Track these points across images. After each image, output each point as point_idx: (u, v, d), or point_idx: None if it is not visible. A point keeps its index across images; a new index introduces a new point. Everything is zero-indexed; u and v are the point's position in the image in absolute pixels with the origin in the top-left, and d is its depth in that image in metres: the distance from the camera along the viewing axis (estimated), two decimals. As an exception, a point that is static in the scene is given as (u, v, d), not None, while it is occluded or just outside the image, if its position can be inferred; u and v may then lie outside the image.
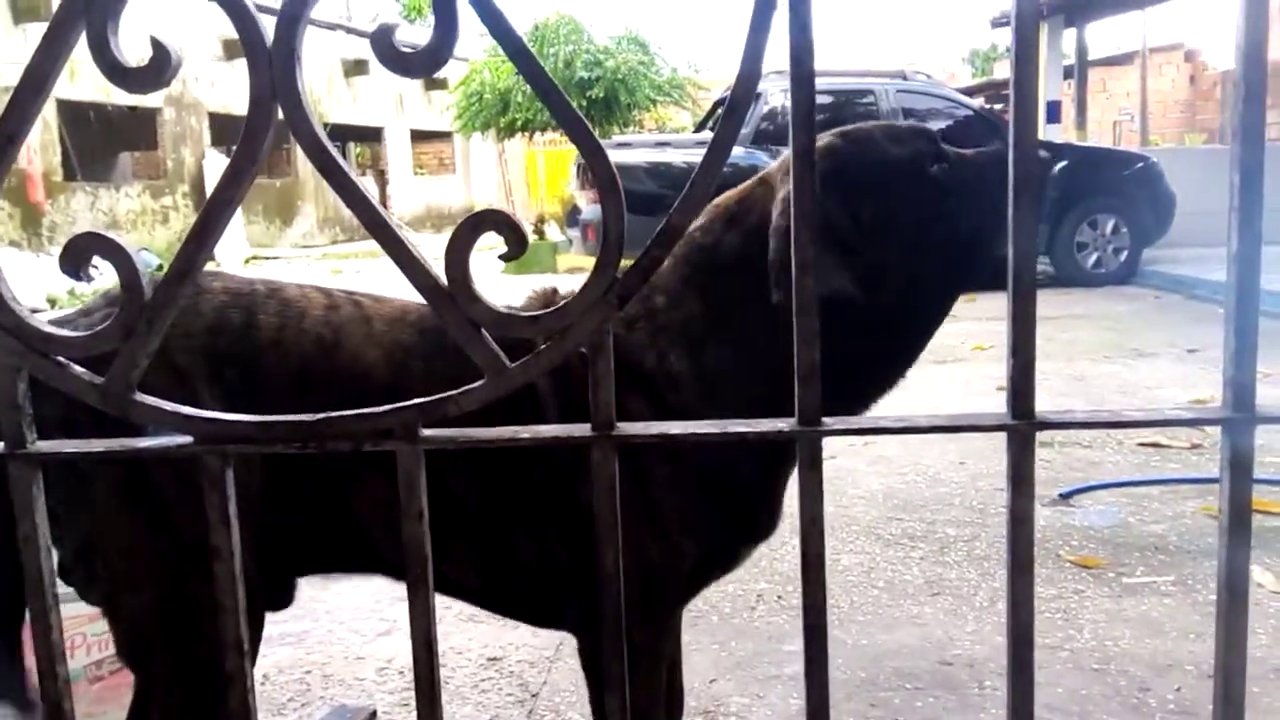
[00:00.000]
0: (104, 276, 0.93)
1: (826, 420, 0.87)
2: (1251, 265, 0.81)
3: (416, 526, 0.90)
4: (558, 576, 1.64)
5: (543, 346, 0.88)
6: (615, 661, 0.91)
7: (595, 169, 0.84)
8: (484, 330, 0.87)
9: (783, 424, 0.88)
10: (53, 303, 10.67)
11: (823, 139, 1.62)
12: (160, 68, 0.82)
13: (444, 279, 0.86)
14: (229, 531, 0.90)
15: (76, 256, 0.85)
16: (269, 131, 0.84)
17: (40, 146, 16.19)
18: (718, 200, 1.68)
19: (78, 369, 0.87)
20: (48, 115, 16.31)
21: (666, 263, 1.68)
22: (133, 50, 0.81)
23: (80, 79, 16.66)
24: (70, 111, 16.96)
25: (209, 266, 0.96)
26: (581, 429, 0.90)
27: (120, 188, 18.62)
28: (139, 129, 19.26)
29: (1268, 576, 3.11)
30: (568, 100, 0.84)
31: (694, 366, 1.60)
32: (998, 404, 0.84)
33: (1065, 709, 2.41)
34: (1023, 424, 0.82)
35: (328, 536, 1.65)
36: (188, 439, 0.88)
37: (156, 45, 0.82)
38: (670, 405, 1.57)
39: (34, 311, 0.89)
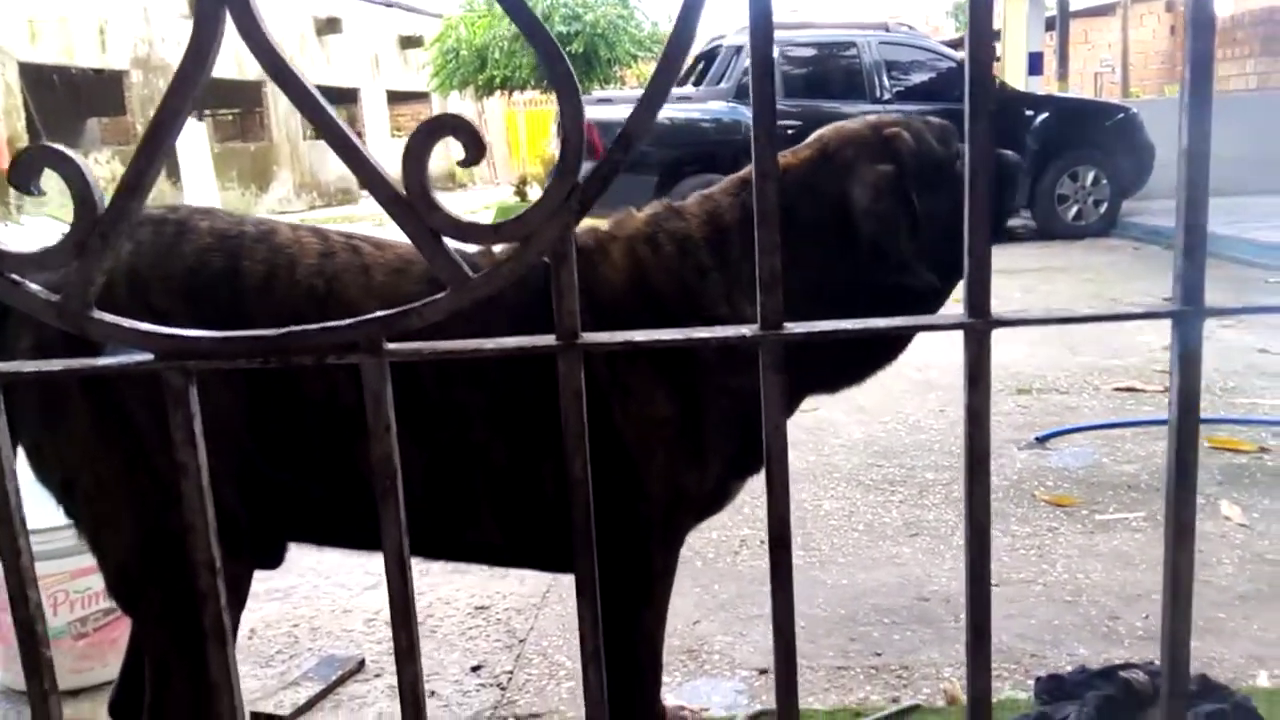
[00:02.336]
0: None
1: (789, 325, 0.87)
2: (1200, 161, 0.82)
3: (384, 440, 0.90)
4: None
5: (505, 257, 0.88)
6: (585, 566, 0.91)
7: (552, 71, 0.83)
8: (445, 239, 0.87)
9: (746, 330, 0.88)
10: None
11: (890, 127, 1.77)
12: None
13: (402, 189, 0.86)
14: (195, 449, 0.89)
15: (26, 168, 0.83)
16: (216, 39, 0.82)
17: (4, 111, 15.80)
18: (787, 161, 1.74)
19: (33, 286, 0.86)
20: (10, 79, 15.82)
21: (735, 214, 1.71)
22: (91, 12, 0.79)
23: (42, 40, 16.17)
24: (33, 75, 16.37)
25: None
26: (547, 339, 0.89)
27: (89, 153, 18.32)
28: (106, 93, 18.81)
29: (1234, 510, 3.17)
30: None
31: None
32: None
33: (1038, 638, 2.46)
34: (978, 322, 0.83)
35: (329, 499, 1.62)
36: (148, 355, 0.88)
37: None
38: (743, 354, 1.60)
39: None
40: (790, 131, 9.85)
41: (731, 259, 1.66)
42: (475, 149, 0.85)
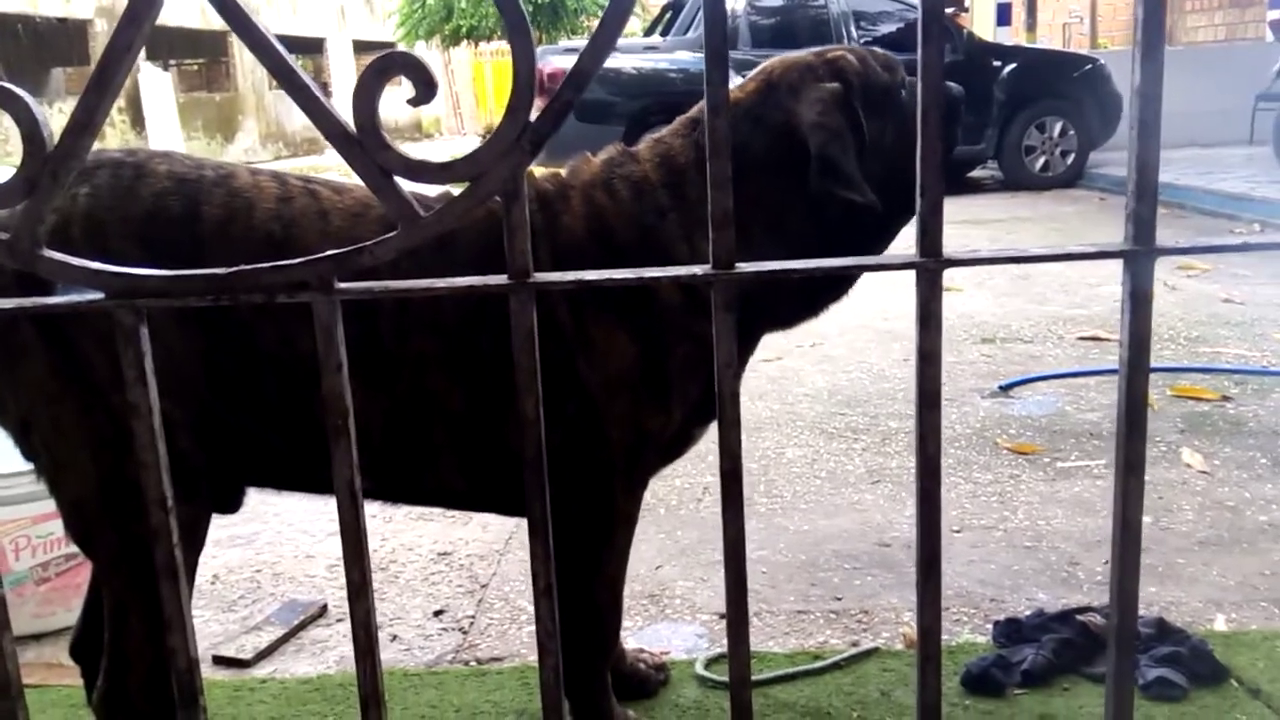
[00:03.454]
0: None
1: (741, 266, 0.88)
2: (1152, 100, 0.83)
3: (335, 378, 0.90)
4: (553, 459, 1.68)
5: (457, 194, 0.88)
6: (538, 505, 0.92)
7: (504, 7, 0.82)
8: (395, 178, 0.87)
9: (699, 269, 0.89)
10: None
11: (833, 52, 1.78)
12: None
13: (352, 126, 0.85)
14: (146, 388, 0.89)
15: (-27, 107, 0.83)
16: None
17: (-34, 61, 15.57)
18: (733, 97, 1.73)
19: (-19, 224, 0.86)
20: None
21: (689, 154, 1.72)
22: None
23: None
24: None
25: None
26: (498, 278, 0.90)
27: (53, 104, 18.00)
28: (70, 42, 18.55)
29: (1196, 458, 3.22)
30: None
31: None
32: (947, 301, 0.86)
33: (998, 583, 2.50)
34: (930, 261, 0.84)
35: (287, 444, 1.62)
36: (99, 294, 0.87)
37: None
38: (705, 296, 1.59)
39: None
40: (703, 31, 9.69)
41: (689, 199, 1.67)
42: (425, 87, 0.84)
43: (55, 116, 17.43)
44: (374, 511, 3.08)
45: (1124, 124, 7.28)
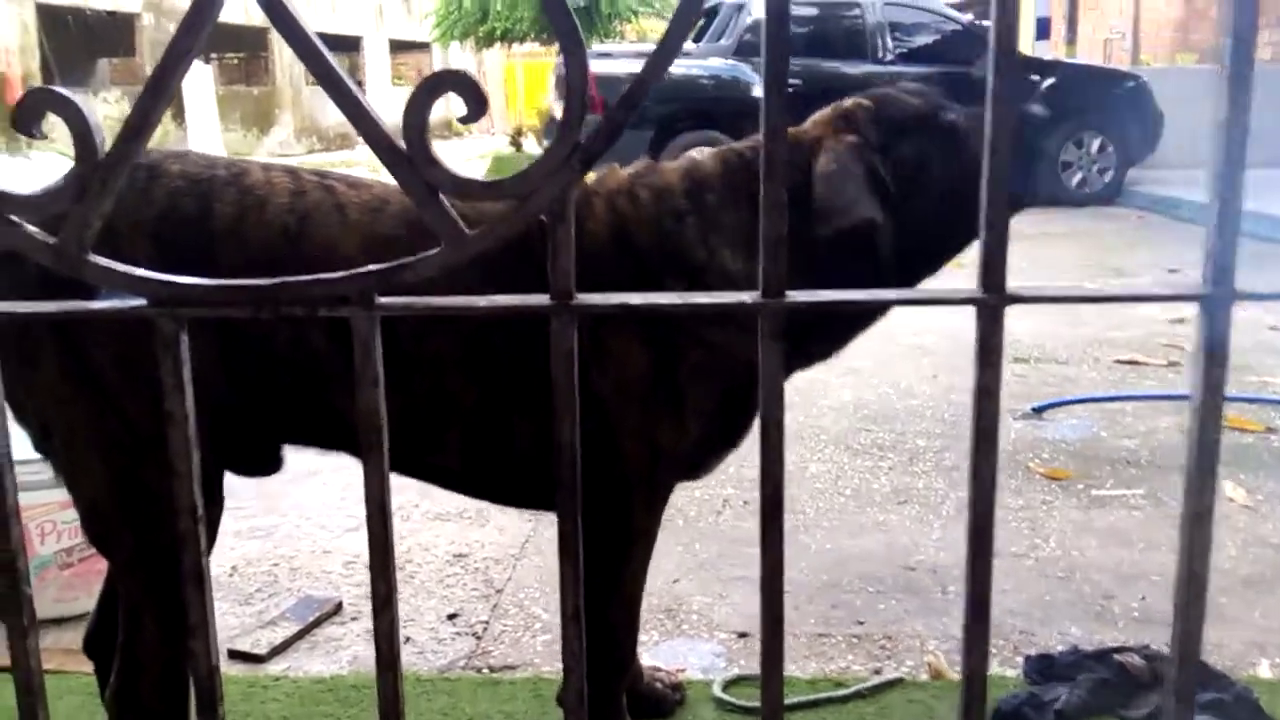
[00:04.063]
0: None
1: (791, 294, 0.86)
2: (1240, 132, 0.79)
3: (371, 392, 0.89)
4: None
5: (503, 213, 0.86)
6: (569, 527, 0.91)
7: (556, 21, 0.81)
8: (442, 195, 0.85)
9: (747, 296, 0.87)
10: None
11: (847, 102, 1.82)
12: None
13: (401, 142, 0.84)
14: (183, 397, 0.88)
15: (29, 112, 0.82)
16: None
17: (19, 50, 15.85)
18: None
19: (30, 228, 0.85)
20: (27, 19, 15.97)
21: (714, 167, 1.76)
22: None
23: None
24: (49, 16, 16.66)
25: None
26: (540, 298, 0.88)
27: (99, 93, 18.22)
28: (117, 35, 18.85)
29: (1239, 492, 3.16)
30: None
31: (749, 269, 1.66)
32: (969, 315, 0.83)
33: (1028, 614, 2.46)
34: (992, 297, 0.81)
35: (299, 415, 1.64)
36: (141, 301, 0.86)
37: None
38: None
39: None
40: (790, 90, 9.69)
41: (708, 205, 1.68)
42: (477, 105, 0.83)
43: (100, 105, 17.64)
44: (393, 509, 3.07)
45: (1166, 141, 7.17)
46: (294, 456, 1.75)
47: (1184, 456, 0.83)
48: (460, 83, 0.84)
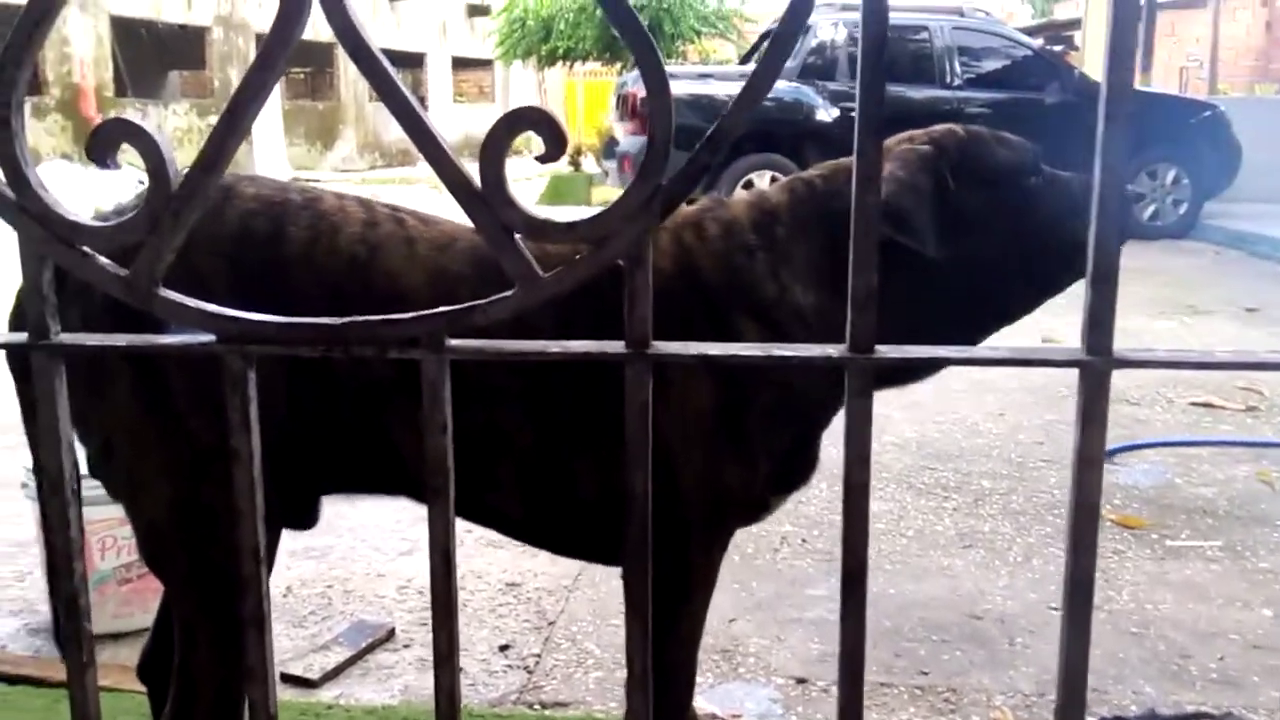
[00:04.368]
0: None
1: (880, 348, 0.81)
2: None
3: (439, 439, 0.86)
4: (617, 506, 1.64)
5: (579, 257, 0.83)
6: (638, 583, 0.87)
7: (645, 68, 0.78)
8: (517, 236, 0.82)
9: (833, 350, 0.82)
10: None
11: (939, 128, 1.78)
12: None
13: (477, 180, 0.81)
14: (249, 435, 0.86)
15: (104, 142, 0.80)
16: (302, 16, 0.79)
17: (93, 62, 16.29)
18: (840, 160, 1.76)
19: (102, 260, 0.83)
20: (101, 31, 16.41)
21: (782, 198, 1.73)
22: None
23: None
24: (123, 28, 17.11)
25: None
26: (615, 345, 0.85)
27: (169, 105, 18.67)
28: (188, 47, 19.31)
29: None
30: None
31: (819, 303, 1.62)
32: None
33: (1101, 671, 2.36)
34: (1099, 360, 0.76)
35: (358, 455, 1.61)
36: (210, 337, 0.84)
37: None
38: (793, 337, 1.59)
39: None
40: (854, 114, 9.56)
41: (778, 239, 1.65)
42: (556, 144, 0.80)
43: (170, 117, 18.07)
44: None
45: (1245, 174, 6.93)
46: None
47: (1263, 506, 0.78)
48: (539, 120, 0.81)
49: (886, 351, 0.81)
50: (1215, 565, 2.95)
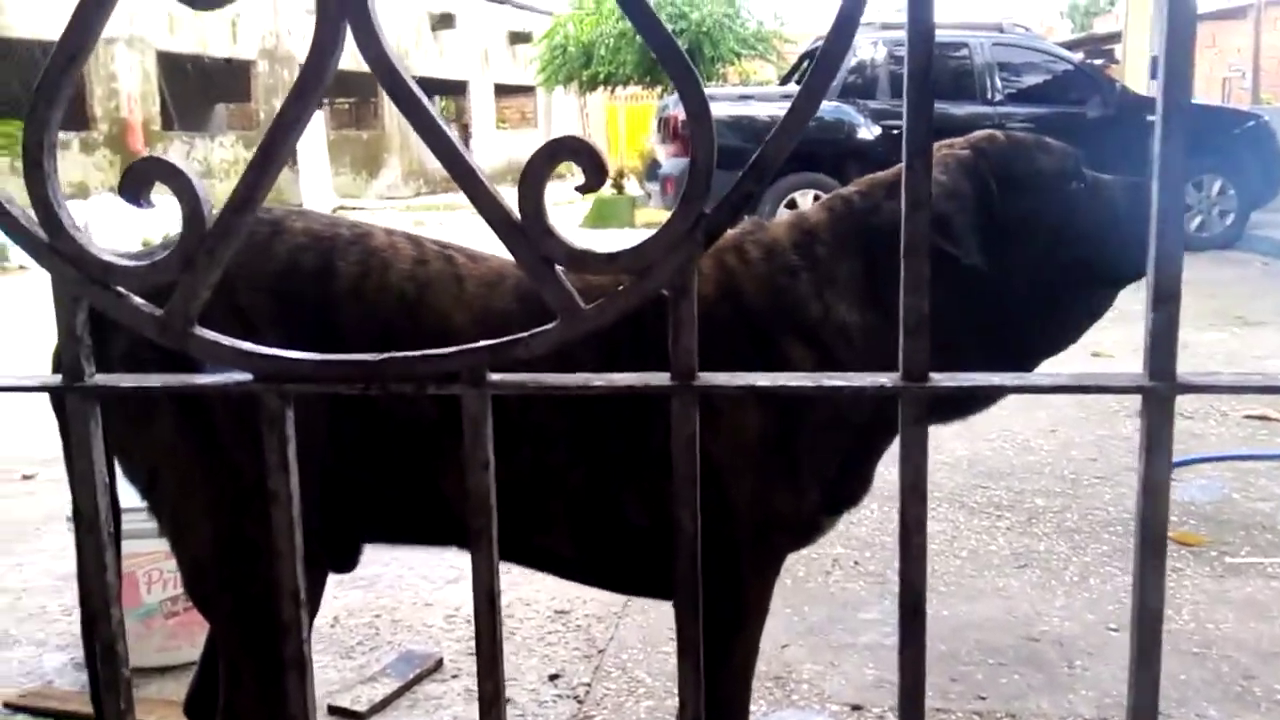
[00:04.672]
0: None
1: (934, 376, 0.78)
2: None
3: (481, 476, 0.84)
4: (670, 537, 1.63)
5: (621, 288, 0.81)
6: (689, 625, 0.84)
7: (685, 94, 0.76)
8: (558, 268, 0.81)
9: (885, 379, 0.80)
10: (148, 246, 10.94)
11: (979, 134, 1.75)
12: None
13: (516, 212, 0.80)
14: (288, 476, 0.85)
15: (137, 181, 0.80)
16: (335, 50, 0.78)
17: (140, 96, 16.62)
18: (876, 175, 1.74)
19: (137, 300, 0.83)
20: (148, 66, 16.73)
21: (821, 217, 1.70)
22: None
23: (179, 32, 17.10)
24: (169, 63, 17.44)
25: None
26: (660, 377, 0.83)
27: (215, 138, 19.01)
28: (234, 81, 19.65)
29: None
30: (658, 20, 0.76)
31: (864, 321, 1.59)
32: (1094, 369, 0.75)
33: (1163, 694, 2.27)
34: (1162, 385, 0.73)
35: (404, 500, 1.60)
36: (247, 376, 0.83)
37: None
38: (839, 357, 1.58)
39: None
40: (896, 132, 9.67)
41: (820, 258, 1.63)
42: (597, 174, 0.79)
43: (216, 150, 18.39)
44: (495, 564, 3.04)
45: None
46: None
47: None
48: (579, 149, 0.80)
49: (941, 380, 0.78)
50: (1276, 582, 2.87)
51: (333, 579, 2.88)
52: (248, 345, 0.83)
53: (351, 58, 0.79)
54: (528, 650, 2.60)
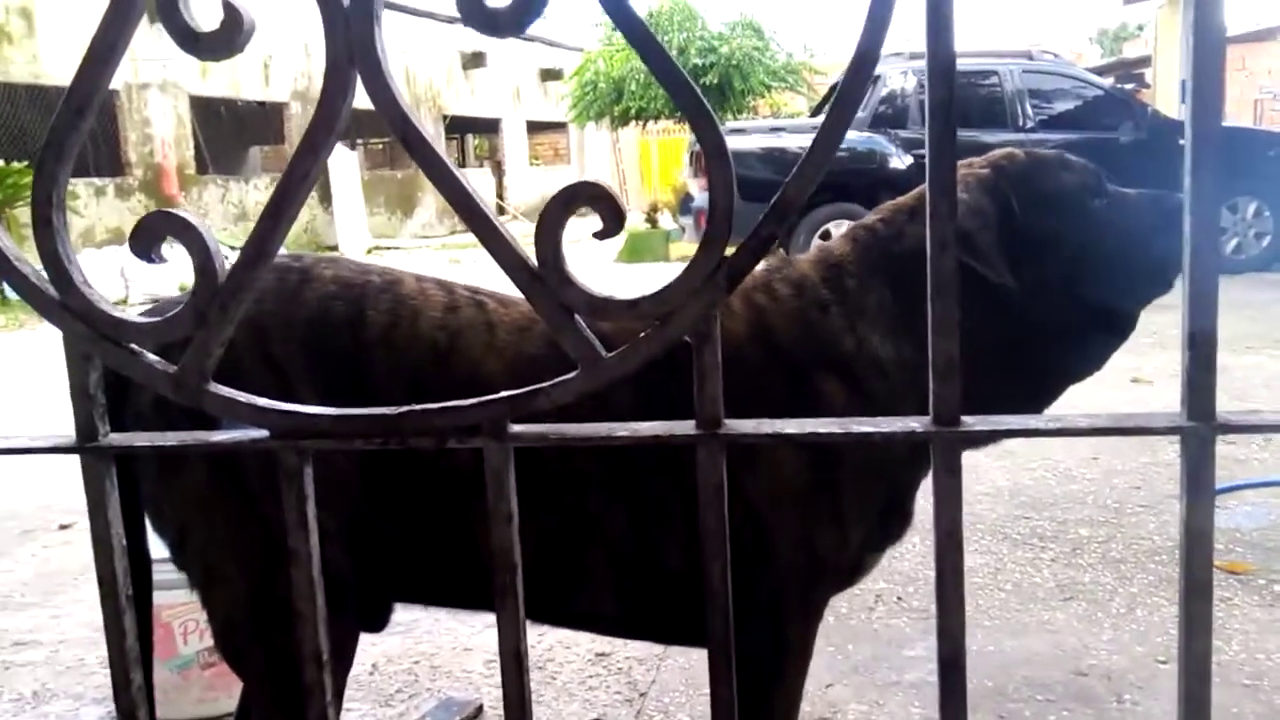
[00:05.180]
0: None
1: (966, 420, 0.76)
2: None
3: (505, 530, 0.82)
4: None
5: (643, 335, 0.79)
6: (724, 686, 0.81)
7: (702, 136, 0.75)
8: (577, 316, 0.79)
9: (916, 424, 0.77)
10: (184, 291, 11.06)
11: (998, 152, 1.73)
12: (231, 32, 0.76)
13: (534, 260, 0.78)
14: (307, 534, 0.83)
15: (147, 236, 0.79)
16: (346, 99, 0.77)
17: (175, 141, 16.80)
18: (897, 200, 1.72)
19: (151, 357, 0.82)
20: (181, 111, 16.94)
21: (846, 249, 1.68)
22: (257, 48, 0.75)
23: (212, 76, 17.31)
24: (202, 107, 17.61)
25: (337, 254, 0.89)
26: (685, 426, 0.80)
27: (249, 180, 19.26)
28: (267, 123, 19.91)
29: None
30: (673, 61, 0.74)
31: (898, 353, 1.57)
32: (1133, 398, 0.73)
33: (1214, 729, 2.23)
34: (1202, 426, 0.70)
35: (439, 556, 1.56)
36: (263, 433, 0.82)
37: (228, 8, 0.76)
38: (874, 390, 1.55)
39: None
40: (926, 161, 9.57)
41: (849, 290, 1.61)
42: (614, 221, 0.77)
43: (251, 193, 18.65)
44: (533, 605, 3.01)
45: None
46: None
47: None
48: (596, 196, 0.78)
49: (973, 423, 0.75)
50: (1329, 610, 2.78)
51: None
52: (263, 401, 0.82)
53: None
54: (568, 695, 2.57)
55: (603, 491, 1.52)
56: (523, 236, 0.74)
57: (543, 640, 2.84)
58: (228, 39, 0.75)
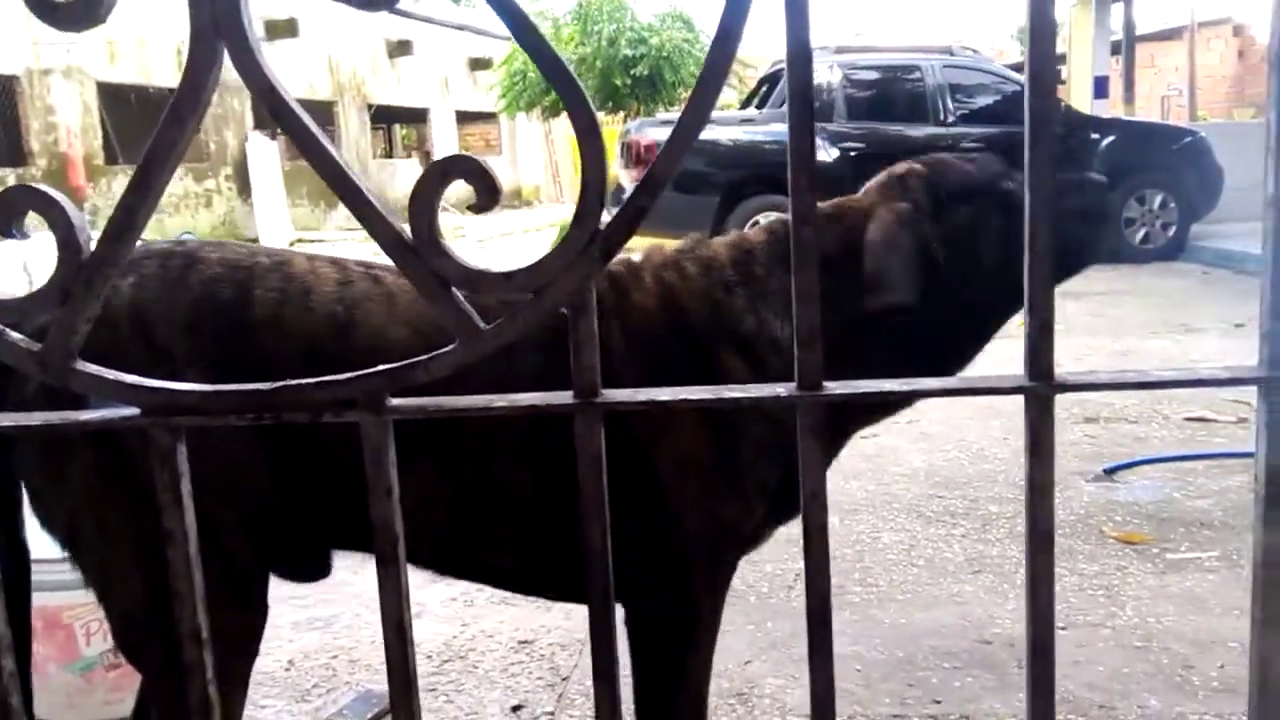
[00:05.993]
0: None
1: (828, 385, 0.78)
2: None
3: (385, 504, 0.83)
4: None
5: (520, 306, 0.81)
6: (604, 650, 0.83)
7: (574, 113, 0.76)
8: (454, 289, 0.80)
9: (781, 389, 0.79)
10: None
11: (900, 166, 1.81)
12: (91, 3, 0.75)
13: (408, 232, 0.79)
14: (182, 513, 0.83)
15: (7, 211, 0.78)
16: (212, 70, 0.76)
17: (81, 130, 15.98)
18: (822, 204, 1.77)
19: (14, 335, 0.80)
20: (88, 99, 16.09)
21: (760, 238, 1.74)
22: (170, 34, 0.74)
23: (120, 61, 16.46)
24: (111, 94, 16.70)
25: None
26: (563, 396, 0.82)
27: (161, 171, 18.68)
28: (181, 112, 19.31)
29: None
30: (549, 45, 0.76)
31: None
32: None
33: (1107, 688, 2.33)
34: (1041, 385, 0.73)
35: (359, 512, 1.57)
36: (134, 410, 0.81)
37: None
38: (771, 367, 1.60)
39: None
40: (853, 154, 9.78)
41: (756, 275, 1.67)
42: (489, 194, 0.78)
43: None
44: (455, 594, 3.00)
45: (1227, 196, 7.03)
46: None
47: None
48: (470, 169, 0.79)
49: (835, 388, 0.78)
50: (1213, 575, 2.93)
51: (289, 622, 2.85)
52: (131, 378, 0.81)
53: (306, 84, 0.78)
54: (490, 682, 2.57)
55: (508, 456, 1.54)
56: (453, 229, 0.75)
57: (465, 630, 2.84)
58: (88, 9, 0.75)
